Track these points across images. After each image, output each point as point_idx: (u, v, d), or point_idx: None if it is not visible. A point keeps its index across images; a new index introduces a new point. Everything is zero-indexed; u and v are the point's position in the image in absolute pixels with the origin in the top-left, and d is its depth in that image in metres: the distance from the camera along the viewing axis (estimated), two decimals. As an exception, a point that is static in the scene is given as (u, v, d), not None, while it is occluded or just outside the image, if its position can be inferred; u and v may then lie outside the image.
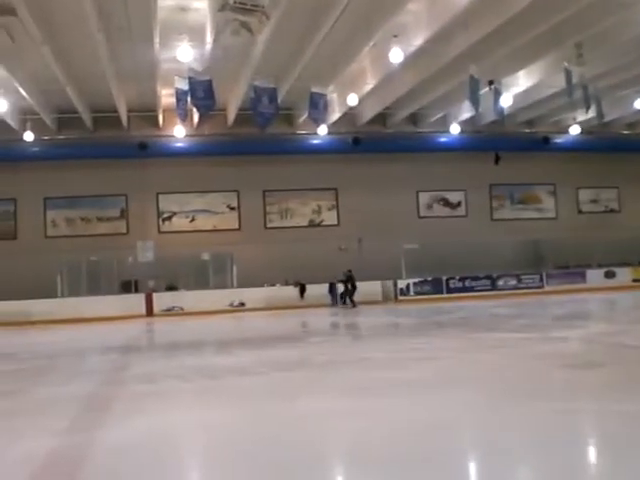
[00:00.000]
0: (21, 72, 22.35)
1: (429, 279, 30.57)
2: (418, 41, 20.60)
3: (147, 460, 5.54)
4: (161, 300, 28.29)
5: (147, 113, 28.97)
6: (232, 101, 27.77)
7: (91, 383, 10.12)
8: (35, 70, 22.28)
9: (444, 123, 31.47)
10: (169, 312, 27.69)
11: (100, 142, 29.71)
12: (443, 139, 32.18)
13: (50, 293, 27.66)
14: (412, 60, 21.86)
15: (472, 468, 5.07)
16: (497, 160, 30.41)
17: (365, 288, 28.55)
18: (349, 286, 27.81)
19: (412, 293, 30.16)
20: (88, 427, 6.87)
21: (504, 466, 4.83)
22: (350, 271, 27.72)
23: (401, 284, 30.29)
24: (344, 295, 27.99)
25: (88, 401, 8.54)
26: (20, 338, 21.24)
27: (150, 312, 27.83)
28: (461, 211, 34.08)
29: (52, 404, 8.34)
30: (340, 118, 28.60)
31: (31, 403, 8.60)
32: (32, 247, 29.27)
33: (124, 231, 30.79)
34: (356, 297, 27.48)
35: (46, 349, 16.61)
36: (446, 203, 34.02)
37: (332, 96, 26.19)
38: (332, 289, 28.56)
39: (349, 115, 29.07)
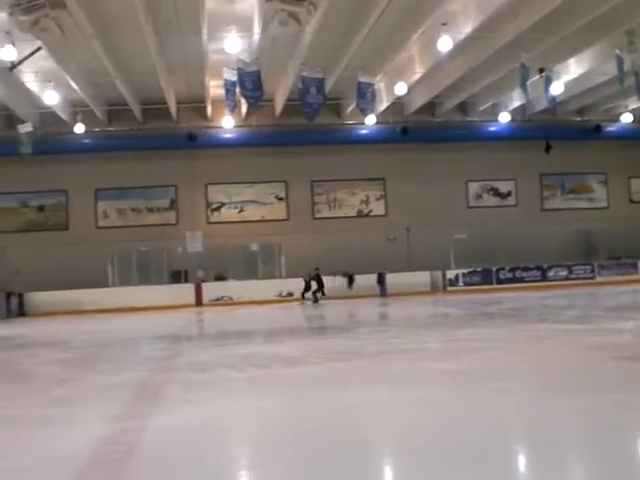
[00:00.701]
0: (72, 65, 22.64)
1: (478, 270, 30.31)
2: (467, 29, 20.38)
3: (198, 447, 5.56)
4: (210, 290, 28.53)
5: (196, 104, 29.15)
6: (280, 92, 27.81)
7: (143, 371, 10.23)
8: (85, 63, 22.56)
9: (494, 112, 31.09)
10: (218, 302, 27.91)
11: (150, 134, 29.99)
12: (493, 128, 31.78)
13: (101, 283, 28.08)
14: (461, 48, 21.65)
15: (525, 461, 4.99)
16: (548, 149, 29.99)
17: (413, 279, 28.45)
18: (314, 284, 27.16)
19: (461, 284, 29.94)
20: (140, 414, 6.93)
21: (561, 460, 4.75)
22: (317, 269, 27.04)
23: (450, 274, 30.09)
24: (315, 292, 27.11)
25: (140, 389, 8.63)
26: (72, 327, 21.56)
27: (199, 302, 28.08)
28: (511, 201, 33.67)
29: (105, 391, 8.45)
30: (388, 107, 28.46)
31: (84, 390, 8.74)
32: (83, 237, 29.74)
33: (173, 222, 31.08)
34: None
35: (98, 338, 16.84)
36: (496, 193, 33.65)
37: (380, 85, 26.07)
38: (380, 279, 28.46)
39: (397, 104, 28.90)
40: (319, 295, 26.82)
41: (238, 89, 20.90)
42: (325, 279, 27.84)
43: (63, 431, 6.32)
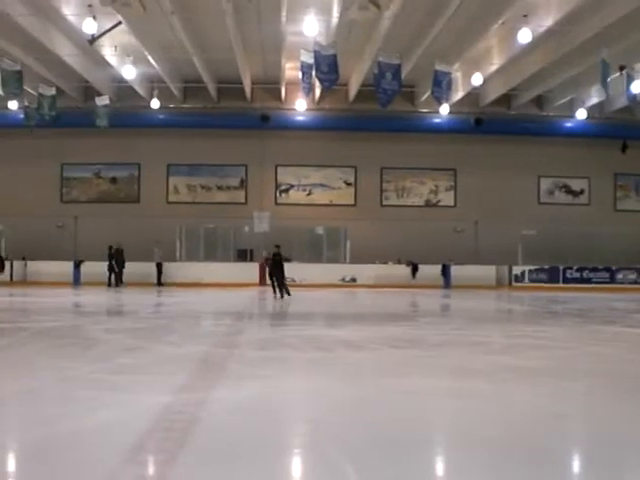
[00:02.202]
0: (150, 40, 22.97)
1: (545, 267, 29.87)
2: (548, 22, 20.00)
3: (257, 423, 5.64)
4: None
5: (270, 85, 29.32)
6: (354, 76, 27.75)
7: (206, 345, 10.38)
8: (164, 39, 22.86)
9: (570, 107, 30.48)
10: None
11: (223, 112, 30.27)
12: (568, 124, 31.18)
13: (169, 257, 28.52)
14: (541, 41, 21.28)
15: (584, 461, 4.93)
16: (624, 148, 29.32)
17: (478, 272, 28.20)
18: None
19: (527, 280, 29.56)
20: (202, 386, 7.05)
21: (617, 464, 4.67)
22: (278, 247, 21.74)
23: (516, 270, 29.72)
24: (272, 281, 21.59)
25: (203, 362, 8.77)
26: (141, 298, 21.97)
27: (263, 281, 28.28)
28: (583, 199, 33.02)
29: (169, 362, 8.62)
30: (463, 98, 28.14)
31: (150, 360, 8.93)
32: (153, 211, 30.25)
33: (242, 201, 31.36)
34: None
35: (165, 310, 17.15)
36: (568, 190, 33.03)
37: (456, 75, 25.79)
38: (445, 271, 28.27)
39: (472, 95, 28.56)
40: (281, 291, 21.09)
41: (314, 72, 20.90)
42: (389, 267, 27.72)
43: (127, 397, 6.47)
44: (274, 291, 21.28)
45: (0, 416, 5.95)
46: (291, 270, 28.72)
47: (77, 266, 27.85)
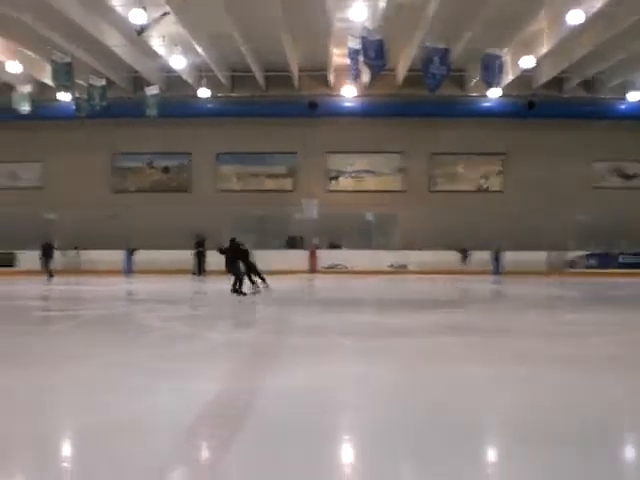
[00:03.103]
0: (198, 30, 23.08)
1: (599, 252, 29.35)
2: (599, 3, 19.57)
3: (307, 410, 5.67)
4: (324, 257, 28.77)
5: (318, 72, 29.24)
6: (402, 61, 27.53)
7: (258, 332, 10.46)
8: (211, 28, 22.93)
9: (622, 90, 29.82)
10: (331, 269, 28.14)
11: (271, 100, 30.31)
12: (621, 106, 30.53)
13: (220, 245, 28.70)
14: (592, 22, 20.81)
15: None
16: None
17: (530, 258, 27.83)
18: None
19: (580, 266, 29.08)
20: (254, 373, 7.11)
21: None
22: (233, 240, 18.19)
23: (569, 256, 29.26)
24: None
25: (254, 348, 8.84)
26: (193, 286, 22.18)
27: (313, 268, 28.36)
28: (637, 183, 32.33)
29: (221, 349, 8.71)
30: (513, 81, 27.69)
31: (202, 347, 9.02)
32: (204, 200, 30.47)
33: (291, 188, 31.42)
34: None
35: (217, 297, 17.27)
36: (621, 174, 32.38)
37: (506, 58, 25.41)
38: (496, 257, 27.97)
39: (522, 78, 28.07)
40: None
41: (361, 58, 20.81)
42: (439, 253, 27.51)
43: (180, 384, 6.54)
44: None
45: (55, 403, 6.06)
46: (341, 256, 28.86)
47: (129, 255, 28.21)
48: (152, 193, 31.50)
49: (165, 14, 20.73)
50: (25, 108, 26.33)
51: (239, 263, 17.36)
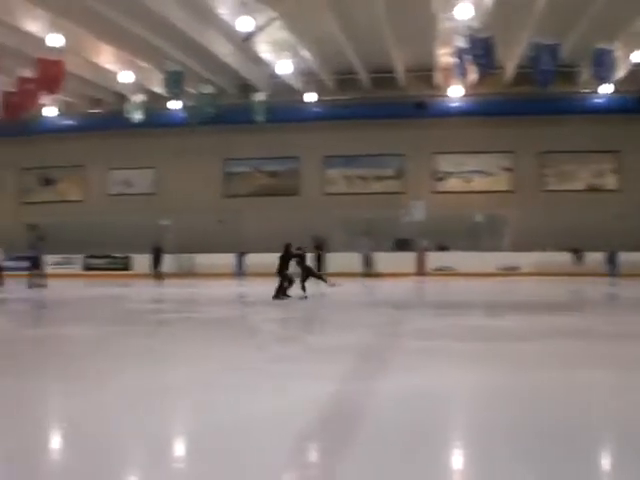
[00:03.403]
0: (304, 35, 23.29)
1: None
2: None
3: (421, 414, 5.59)
4: (432, 259, 28.50)
5: (424, 73, 29.06)
6: (510, 59, 26.99)
7: (369, 335, 10.42)
8: (317, 32, 23.08)
9: None
10: (439, 271, 27.84)
11: (377, 102, 30.27)
12: None
13: (328, 248, 28.81)
14: None
15: None
16: None
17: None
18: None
19: None
20: (365, 376, 7.07)
21: None
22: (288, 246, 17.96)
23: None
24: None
25: (364, 352, 8.80)
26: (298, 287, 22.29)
27: (421, 270, 28.13)
28: None
29: (330, 352, 8.69)
30: (626, 76, 26.74)
31: (310, 349, 9.05)
32: (312, 203, 30.74)
33: (399, 190, 31.29)
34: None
35: (326, 300, 17.32)
36: None
37: (618, 52, 24.55)
38: (611, 258, 27.02)
39: (636, 72, 27.08)
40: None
41: (468, 57, 20.53)
42: (551, 254, 26.80)
43: (294, 386, 6.58)
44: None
45: (172, 404, 6.19)
46: (449, 258, 28.52)
47: (240, 258, 28.69)
48: (260, 197, 32.00)
49: (272, 20, 20.98)
50: (138, 117, 27.16)
51: (288, 268, 17.13)
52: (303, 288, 16.74)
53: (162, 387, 6.74)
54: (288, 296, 16.57)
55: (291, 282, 16.85)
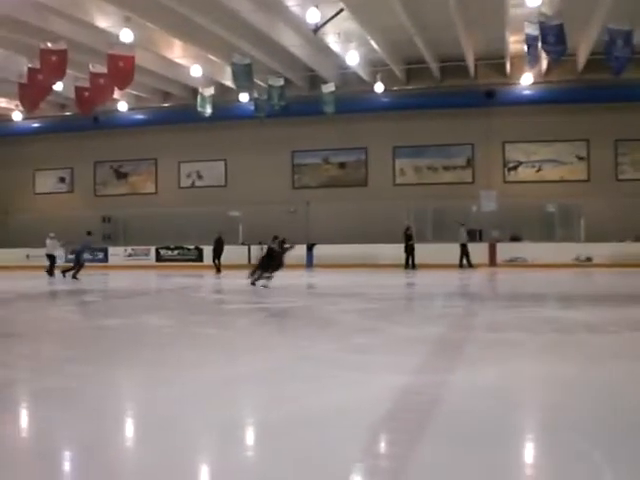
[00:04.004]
0: (372, 25, 23.14)
1: None
2: None
3: (496, 407, 5.55)
4: (504, 250, 28.13)
5: (494, 61, 28.59)
6: (583, 45, 26.38)
7: (440, 327, 10.36)
8: (385, 22, 22.91)
9: None
10: (512, 263, 27.46)
11: (447, 91, 29.94)
12: None
13: (397, 239, 28.74)
14: None
15: None
16: None
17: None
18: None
19: None
20: (440, 368, 7.03)
21: None
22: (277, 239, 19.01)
23: None
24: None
25: (438, 344, 8.76)
26: (369, 279, 22.32)
27: (493, 262, 27.80)
28: None
29: (406, 343, 8.68)
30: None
31: (384, 340, 9.04)
32: (381, 194, 30.65)
33: (469, 180, 30.92)
34: None
35: (393, 291, 17.31)
36: None
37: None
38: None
39: None
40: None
41: (539, 44, 20.14)
42: (627, 245, 26.17)
43: (367, 377, 6.60)
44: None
45: (244, 394, 6.26)
46: (522, 249, 28.11)
47: (309, 249, 28.80)
48: (329, 188, 32.03)
49: (340, 11, 20.94)
50: (208, 111, 27.44)
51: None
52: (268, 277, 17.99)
53: (237, 376, 6.84)
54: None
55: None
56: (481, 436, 4.72)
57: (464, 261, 27.10)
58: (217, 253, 27.30)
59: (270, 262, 18.33)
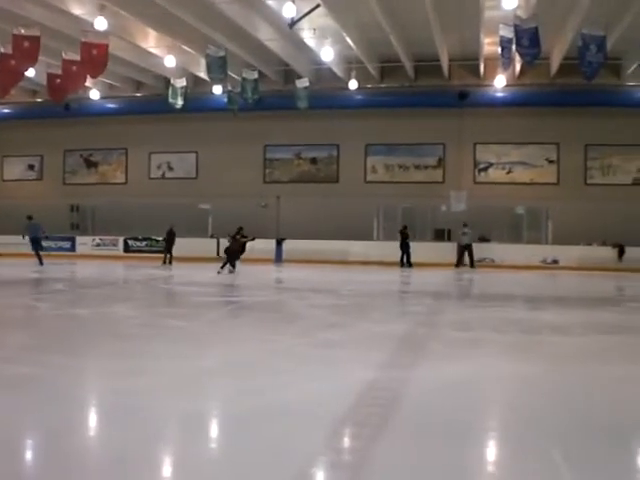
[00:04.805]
0: (348, 22, 23.15)
1: None
2: None
3: (458, 404, 5.60)
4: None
5: (468, 62, 28.72)
6: (556, 50, 26.60)
7: (407, 324, 10.42)
8: (361, 19, 22.96)
9: None
10: (479, 263, 27.62)
11: (420, 91, 30.03)
12: None
13: (366, 236, 28.85)
14: None
15: None
16: None
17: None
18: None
19: None
20: (404, 364, 7.08)
21: None
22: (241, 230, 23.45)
23: None
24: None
25: (404, 340, 8.80)
26: (337, 275, 22.34)
27: (460, 262, 27.96)
28: None
29: (372, 339, 8.71)
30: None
31: (352, 336, 9.07)
32: (352, 191, 30.66)
33: (440, 180, 31.06)
34: None
35: (362, 288, 17.33)
36: None
37: (666, 46, 24.09)
38: None
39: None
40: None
41: (514, 46, 20.28)
42: (593, 248, 26.49)
43: (332, 372, 6.63)
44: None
45: (210, 386, 6.25)
46: (490, 250, 28.31)
47: (279, 244, 28.77)
48: (300, 184, 31.99)
49: (316, 7, 20.91)
50: (179, 102, 27.28)
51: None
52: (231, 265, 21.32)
53: (203, 369, 6.83)
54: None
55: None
56: (443, 432, 4.76)
57: (465, 261, 27.30)
58: (169, 245, 27.28)
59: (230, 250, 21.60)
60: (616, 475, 4.02)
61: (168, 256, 27.12)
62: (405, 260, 27.14)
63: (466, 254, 27.31)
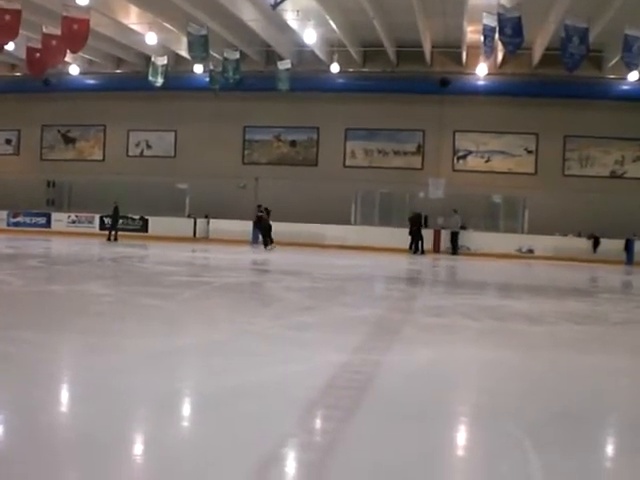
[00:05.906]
0: (332, 5, 23.07)
1: None
2: None
3: (429, 388, 5.65)
4: (448, 238, 28.39)
5: (450, 49, 28.73)
6: (539, 40, 26.66)
7: (381, 308, 10.47)
8: (345, 3, 22.88)
9: None
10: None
11: (402, 77, 29.98)
12: None
13: (344, 220, 28.84)
14: None
15: None
16: None
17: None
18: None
19: None
20: (377, 348, 7.12)
21: None
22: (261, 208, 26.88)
23: None
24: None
25: (378, 325, 8.84)
26: (314, 259, 22.37)
27: (437, 248, 28.09)
28: None
29: (345, 323, 8.74)
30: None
31: (326, 319, 9.10)
32: (331, 175, 30.61)
33: (418, 166, 31.09)
34: None
35: (339, 272, 17.37)
36: None
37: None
38: (629, 246, 26.83)
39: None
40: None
41: (497, 35, 20.31)
42: (569, 239, 26.75)
43: (305, 354, 6.65)
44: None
45: (181, 366, 6.25)
46: (466, 238, 28.42)
47: (256, 225, 28.70)
48: (279, 166, 31.90)
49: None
50: (159, 80, 27.08)
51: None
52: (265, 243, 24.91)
53: (177, 348, 6.83)
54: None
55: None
56: (415, 415, 4.80)
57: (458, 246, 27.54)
58: (114, 221, 27.31)
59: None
60: (585, 461, 4.07)
61: (113, 233, 27.08)
62: (414, 247, 27.19)
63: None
